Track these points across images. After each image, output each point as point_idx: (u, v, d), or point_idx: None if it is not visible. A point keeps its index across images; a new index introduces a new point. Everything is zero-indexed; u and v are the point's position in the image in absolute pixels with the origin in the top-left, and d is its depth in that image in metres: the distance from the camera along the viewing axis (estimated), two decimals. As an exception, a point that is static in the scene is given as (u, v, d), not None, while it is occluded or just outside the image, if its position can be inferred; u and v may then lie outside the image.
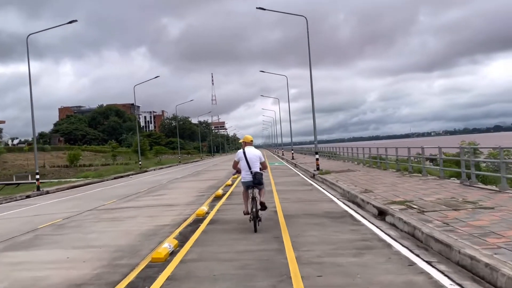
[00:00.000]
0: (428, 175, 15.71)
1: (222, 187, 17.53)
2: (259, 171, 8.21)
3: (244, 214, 8.39)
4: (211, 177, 24.53)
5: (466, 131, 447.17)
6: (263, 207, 8.27)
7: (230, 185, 18.04)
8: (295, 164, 32.03)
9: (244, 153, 8.30)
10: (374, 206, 9.39)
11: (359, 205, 10.50)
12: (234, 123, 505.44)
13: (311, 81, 24.32)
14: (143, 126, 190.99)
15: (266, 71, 55.52)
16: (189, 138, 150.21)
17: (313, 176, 20.40)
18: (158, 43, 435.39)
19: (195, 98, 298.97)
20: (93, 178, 32.19)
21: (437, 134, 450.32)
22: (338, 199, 12.03)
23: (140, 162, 44.79)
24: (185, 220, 9.85)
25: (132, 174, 35.95)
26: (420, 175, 15.85)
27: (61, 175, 50.80)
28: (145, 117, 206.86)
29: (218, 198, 13.87)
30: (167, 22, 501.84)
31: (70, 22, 26.26)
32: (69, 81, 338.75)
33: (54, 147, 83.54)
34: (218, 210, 11.19)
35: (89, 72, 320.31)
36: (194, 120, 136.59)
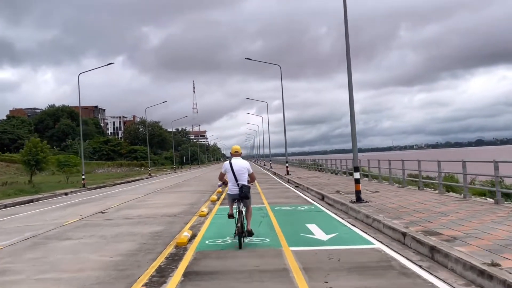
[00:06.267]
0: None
1: None
2: (246, 184, 8.05)
3: (228, 217, 8.15)
4: None
5: (448, 144, 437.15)
6: (250, 234, 8.03)
7: None
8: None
9: (230, 164, 8.06)
10: None
11: None
12: (217, 133, 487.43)
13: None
14: (110, 132, 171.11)
15: (253, 60, 37.43)
16: (159, 147, 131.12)
17: None
18: (138, 51, 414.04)
19: (176, 108, 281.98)
20: None
21: (419, 147, 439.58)
22: None
23: None
24: None
25: None
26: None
27: None
28: (113, 122, 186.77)
29: None
30: (148, 30, 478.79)
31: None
32: (47, 88, 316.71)
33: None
34: None
35: (67, 79, 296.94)
36: (173, 129, 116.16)
